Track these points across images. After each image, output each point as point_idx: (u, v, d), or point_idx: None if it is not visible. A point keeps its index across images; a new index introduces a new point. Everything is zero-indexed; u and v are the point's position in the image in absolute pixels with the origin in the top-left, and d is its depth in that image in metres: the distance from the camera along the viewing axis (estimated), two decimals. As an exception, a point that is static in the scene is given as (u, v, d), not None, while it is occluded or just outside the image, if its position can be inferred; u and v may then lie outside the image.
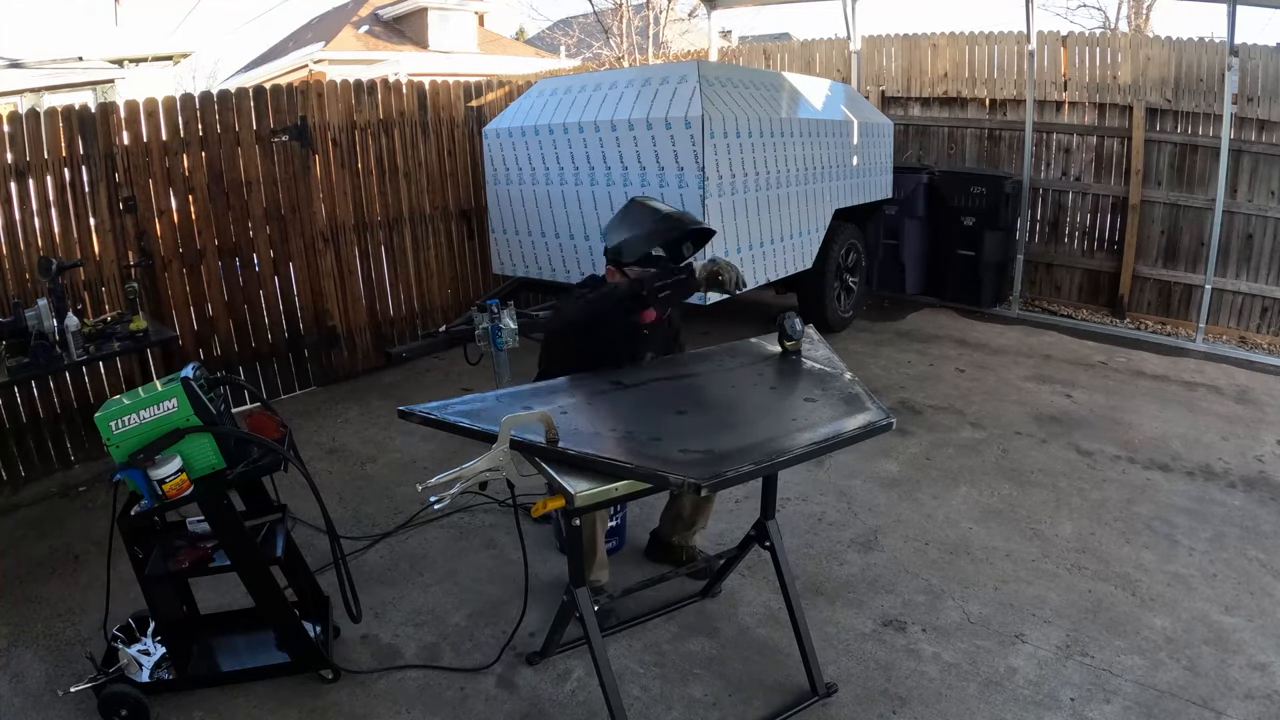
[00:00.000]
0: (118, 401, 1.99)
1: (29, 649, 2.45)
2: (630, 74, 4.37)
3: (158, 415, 1.95)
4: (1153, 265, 6.04)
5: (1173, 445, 3.76)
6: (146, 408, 1.95)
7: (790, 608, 2.18)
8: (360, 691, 2.24)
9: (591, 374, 2.28)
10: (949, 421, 4.06)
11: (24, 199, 3.60)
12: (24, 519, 3.31)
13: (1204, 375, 4.81)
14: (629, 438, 1.87)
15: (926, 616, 2.51)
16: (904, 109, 7.10)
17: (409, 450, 3.78)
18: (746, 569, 2.67)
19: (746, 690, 2.21)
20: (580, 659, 2.31)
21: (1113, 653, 2.32)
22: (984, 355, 5.18)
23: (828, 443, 1.89)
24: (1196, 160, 5.74)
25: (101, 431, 1.94)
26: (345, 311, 4.88)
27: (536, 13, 45.32)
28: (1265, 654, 2.31)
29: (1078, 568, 2.76)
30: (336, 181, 4.74)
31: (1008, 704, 2.13)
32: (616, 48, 12.50)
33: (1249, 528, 3.02)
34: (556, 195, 4.49)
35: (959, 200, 6.14)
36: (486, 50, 18.96)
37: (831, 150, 5.05)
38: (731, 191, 4.10)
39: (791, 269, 4.80)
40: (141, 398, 1.97)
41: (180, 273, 4.20)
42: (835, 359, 2.33)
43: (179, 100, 4.09)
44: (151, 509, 2.00)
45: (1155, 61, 5.82)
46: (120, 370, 3.93)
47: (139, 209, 3.98)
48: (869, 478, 3.45)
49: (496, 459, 1.81)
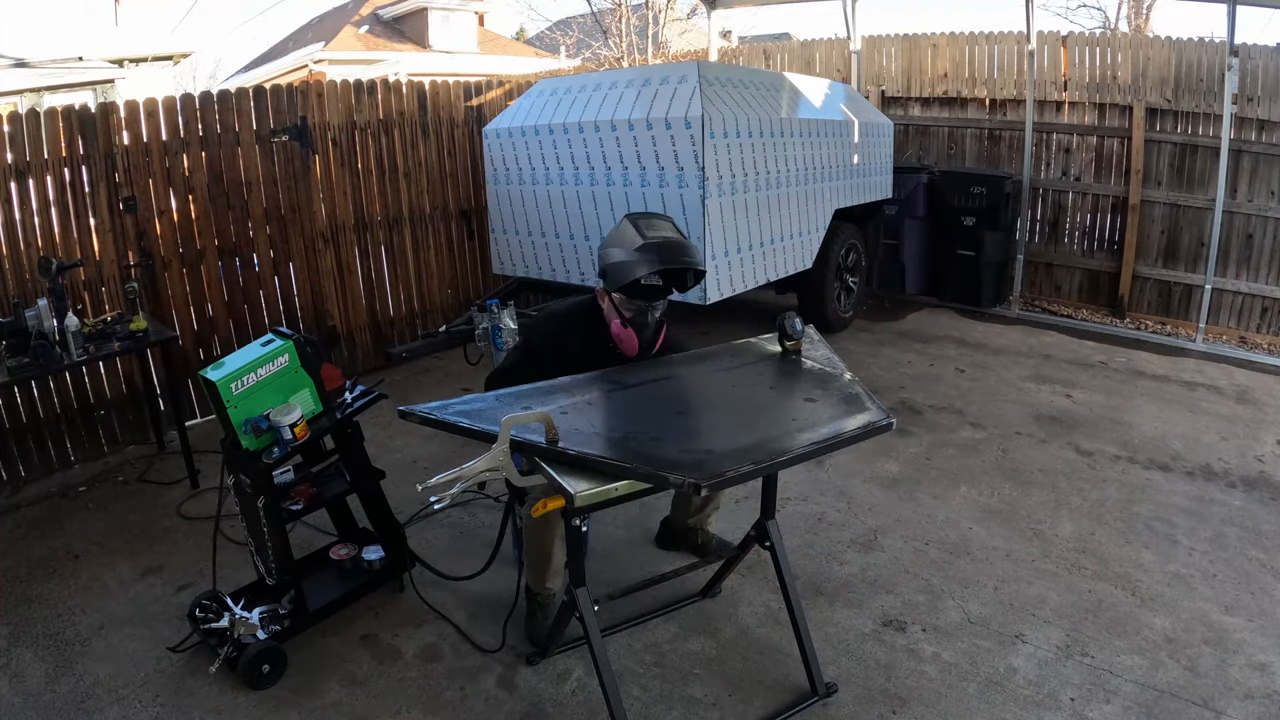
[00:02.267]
0: (222, 366, 2.19)
1: (29, 649, 2.44)
2: (630, 74, 4.37)
3: (274, 370, 2.23)
4: (1153, 265, 6.04)
5: (1173, 445, 3.76)
6: (262, 365, 2.21)
7: (790, 608, 2.18)
8: (360, 691, 2.24)
9: (592, 374, 2.28)
10: (949, 421, 4.06)
11: (24, 199, 3.60)
12: (24, 519, 3.31)
13: (1204, 375, 4.81)
14: (629, 438, 1.87)
15: (926, 616, 2.51)
16: (904, 109, 7.10)
17: (409, 450, 3.78)
18: (746, 569, 2.67)
19: (746, 690, 2.21)
20: (580, 659, 2.31)
21: (1113, 653, 2.32)
22: (984, 355, 5.18)
23: (828, 443, 1.89)
24: (1196, 160, 5.74)
25: (222, 394, 2.14)
26: (345, 311, 4.88)
27: (536, 13, 45.38)
28: (1265, 654, 2.31)
29: (1078, 568, 2.76)
30: (336, 181, 4.74)
31: (1008, 704, 2.13)
32: (616, 48, 12.49)
33: (1249, 528, 3.02)
34: (556, 195, 4.49)
35: (959, 200, 6.13)
36: (486, 50, 18.97)
37: (832, 150, 5.05)
38: (731, 191, 4.10)
39: (791, 269, 4.80)
40: (253, 358, 2.20)
41: (180, 273, 4.20)
42: (835, 359, 2.33)
43: (179, 100, 4.09)
44: (287, 452, 2.23)
45: (1155, 61, 5.82)
46: (120, 370, 3.93)
47: (139, 209, 3.98)
48: (869, 478, 3.45)
49: (496, 459, 1.81)
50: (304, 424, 2.25)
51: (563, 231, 4.53)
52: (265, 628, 2.32)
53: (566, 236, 4.53)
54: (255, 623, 2.31)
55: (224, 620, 2.32)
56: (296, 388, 2.29)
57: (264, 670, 2.24)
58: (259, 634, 2.30)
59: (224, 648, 2.27)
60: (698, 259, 2.25)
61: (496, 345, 3.27)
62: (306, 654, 2.38)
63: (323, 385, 2.38)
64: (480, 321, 3.33)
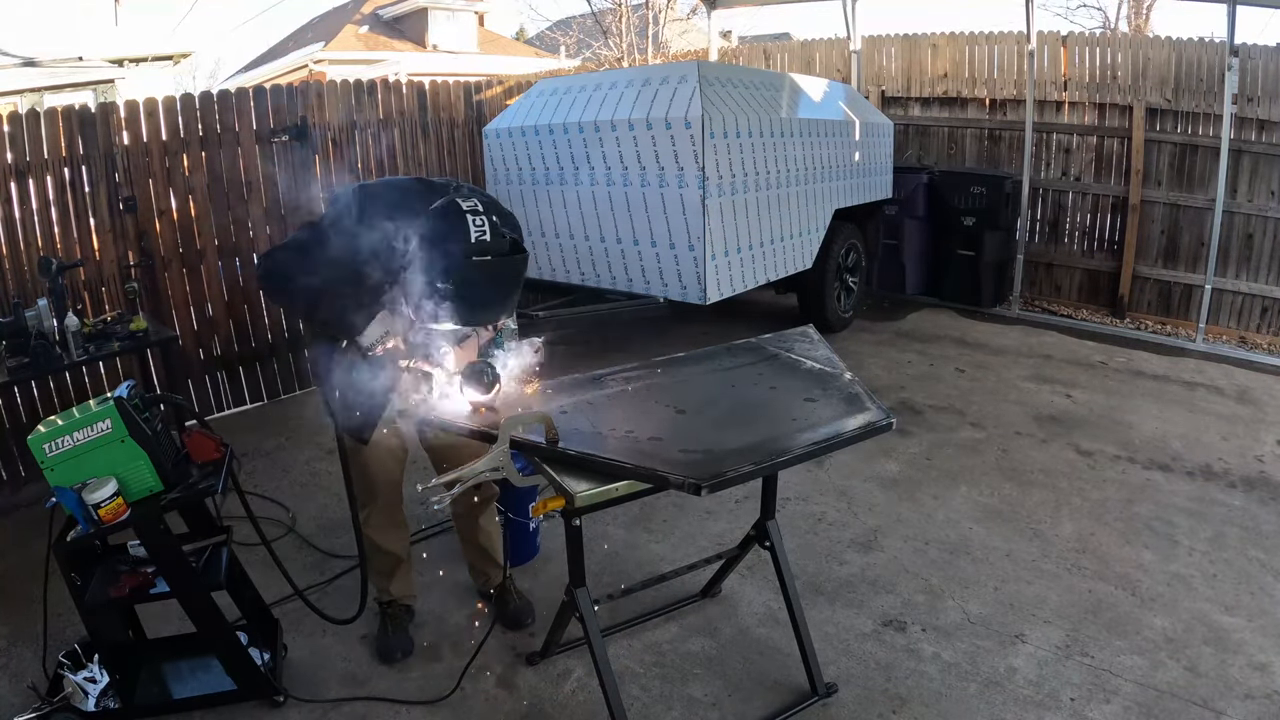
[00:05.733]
0: (52, 423, 1.92)
1: (29, 649, 2.44)
2: (630, 74, 4.37)
3: (92, 437, 1.88)
4: (1153, 265, 6.03)
5: (1173, 445, 3.76)
6: (80, 429, 1.87)
7: (790, 608, 2.17)
8: (360, 692, 2.24)
9: (591, 374, 2.28)
10: (949, 421, 4.06)
11: (24, 199, 3.60)
12: (24, 519, 3.31)
13: (1204, 375, 4.81)
14: (629, 438, 1.86)
15: (926, 616, 2.51)
16: (904, 109, 7.10)
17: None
18: (746, 569, 2.67)
19: (746, 690, 2.21)
20: (580, 659, 2.31)
21: (1113, 653, 2.32)
22: (984, 355, 5.18)
23: (828, 443, 1.89)
24: (1196, 160, 5.74)
25: (35, 455, 1.87)
26: (345, 311, 4.87)
27: (536, 13, 45.40)
28: (1265, 654, 2.31)
29: (1078, 568, 2.76)
30: (337, 181, 4.74)
31: (1008, 704, 2.13)
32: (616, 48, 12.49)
33: (1249, 528, 3.02)
34: (556, 195, 4.49)
35: (959, 200, 6.13)
36: (486, 50, 18.96)
37: (831, 150, 5.05)
38: (731, 191, 4.10)
39: (791, 269, 4.81)
40: (75, 419, 1.90)
41: (180, 273, 4.20)
42: (835, 359, 2.33)
43: (179, 100, 4.09)
44: (87, 534, 1.92)
45: (1155, 61, 5.81)
46: (120, 370, 3.93)
47: (139, 209, 3.98)
48: (869, 478, 3.45)
49: (496, 459, 1.81)
50: (118, 503, 1.90)
51: (563, 231, 4.53)
52: (101, 700, 2.12)
53: (567, 236, 4.53)
54: (90, 691, 2.11)
55: (79, 676, 2.14)
56: (128, 460, 1.91)
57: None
58: (88, 703, 2.10)
59: (50, 701, 2.09)
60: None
61: (497, 345, 3.26)
62: (307, 654, 2.38)
63: (169, 460, 2.00)
64: (480, 321, 3.32)
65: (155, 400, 2.12)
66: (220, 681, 2.18)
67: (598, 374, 2.28)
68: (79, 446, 1.88)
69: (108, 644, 2.12)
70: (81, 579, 2.03)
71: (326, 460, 3.76)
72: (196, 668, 2.29)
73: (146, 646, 2.35)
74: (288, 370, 4.72)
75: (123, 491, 1.92)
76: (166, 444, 2.05)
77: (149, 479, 1.95)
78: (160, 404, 2.16)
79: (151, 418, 2.01)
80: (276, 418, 4.36)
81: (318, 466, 3.70)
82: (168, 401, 2.20)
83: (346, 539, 3.04)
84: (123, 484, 1.93)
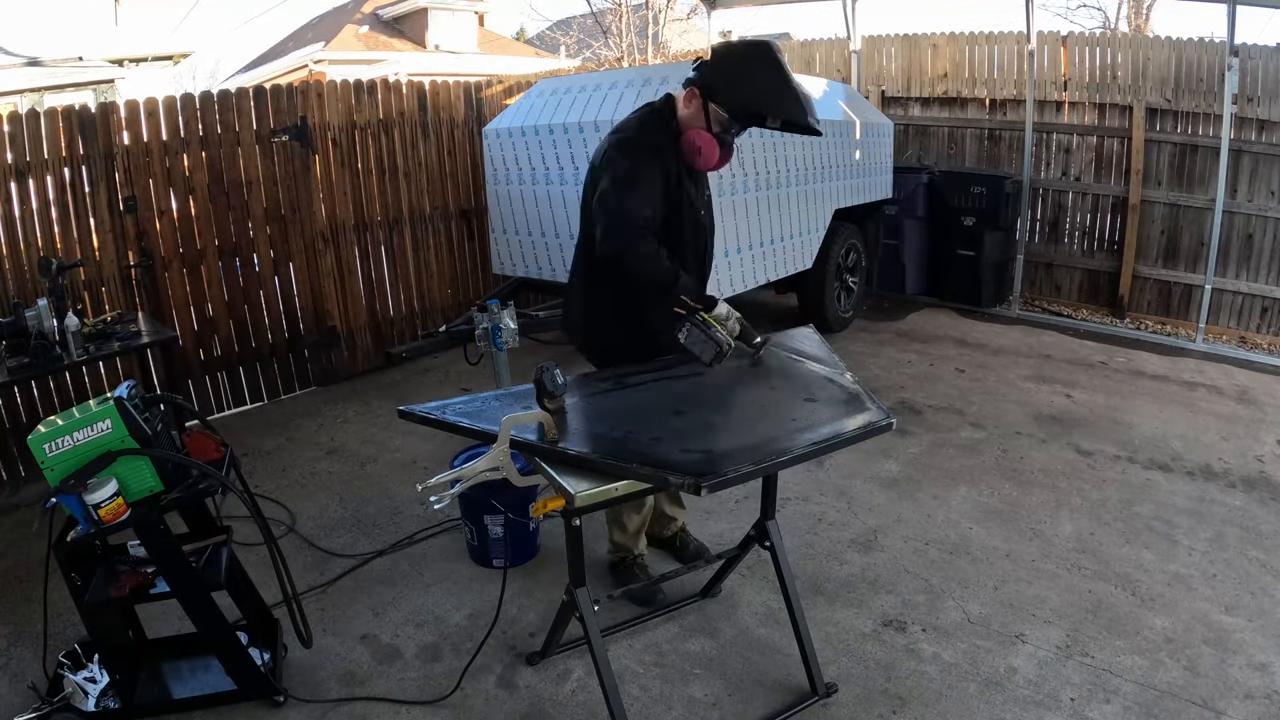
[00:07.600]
0: (52, 422, 1.92)
1: (29, 649, 2.44)
2: (630, 74, 4.37)
3: (92, 437, 1.87)
4: (1153, 265, 6.03)
5: (1173, 445, 3.76)
6: (80, 429, 1.87)
7: (790, 608, 2.18)
8: (360, 691, 2.24)
9: (592, 374, 2.28)
10: (949, 421, 4.06)
11: (24, 199, 3.60)
12: (24, 519, 3.31)
13: (1204, 375, 4.81)
14: (629, 438, 1.87)
15: (926, 616, 2.51)
16: (904, 109, 7.10)
17: (409, 450, 3.78)
18: (746, 569, 2.67)
19: (746, 690, 2.21)
20: (580, 659, 2.31)
21: (1113, 653, 2.32)
22: (984, 355, 5.18)
23: (828, 443, 1.89)
24: (1196, 160, 5.74)
25: (35, 455, 1.87)
26: (345, 311, 4.88)
27: (536, 13, 45.40)
28: (1265, 654, 2.31)
29: (1078, 568, 2.76)
30: (336, 181, 4.74)
31: (1008, 704, 2.13)
32: (616, 48, 12.50)
33: (1249, 528, 3.02)
34: (556, 195, 4.49)
35: (959, 200, 6.13)
36: (486, 50, 18.95)
37: (831, 150, 5.05)
38: (731, 191, 4.10)
39: (791, 269, 4.80)
40: (75, 419, 1.89)
41: (180, 273, 4.20)
42: (835, 359, 2.33)
43: (179, 100, 4.09)
44: (87, 535, 1.93)
45: (1155, 61, 5.81)
46: (120, 370, 3.93)
47: (139, 209, 3.98)
48: (869, 478, 3.45)
49: (496, 459, 1.81)
50: (118, 503, 1.91)
51: (563, 231, 4.53)
52: (101, 700, 2.12)
53: (567, 236, 4.53)
54: (90, 691, 2.12)
55: (79, 676, 2.15)
56: (128, 460, 1.91)
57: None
58: (88, 703, 2.10)
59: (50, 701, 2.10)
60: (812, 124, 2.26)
61: (496, 345, 3.27)
62: (307, 654, 2.38)
63: (170, 459, 1.99)
64: (480, 321, 3.32)
65: (155, 400, 2.13)
66: (220, 682, 2.17)
67: (598, 374, 2.29)
68: (79, 446, 1.88)
69: (108, 644, 2.12)
70: (82, 579, 2.03)
71: (327, 460, 3.76)
72: (196, 668, 2.29)
73: (146, 646, 2.36)
74: (287, 370, 4.72)
75: (123, 491, 1.93)
76: (167, 444, 2.05)
77: (150, 479, 1.96)
78: (160, 404, 2.17)
79: (152, 418, 2.01)
80: (276, 418, 4.36)
81: (318, 466, 3.70)
82: (168, 401, 2.20)
83: (346, 539, 3.05)
84: (123, 484, 1.93)
